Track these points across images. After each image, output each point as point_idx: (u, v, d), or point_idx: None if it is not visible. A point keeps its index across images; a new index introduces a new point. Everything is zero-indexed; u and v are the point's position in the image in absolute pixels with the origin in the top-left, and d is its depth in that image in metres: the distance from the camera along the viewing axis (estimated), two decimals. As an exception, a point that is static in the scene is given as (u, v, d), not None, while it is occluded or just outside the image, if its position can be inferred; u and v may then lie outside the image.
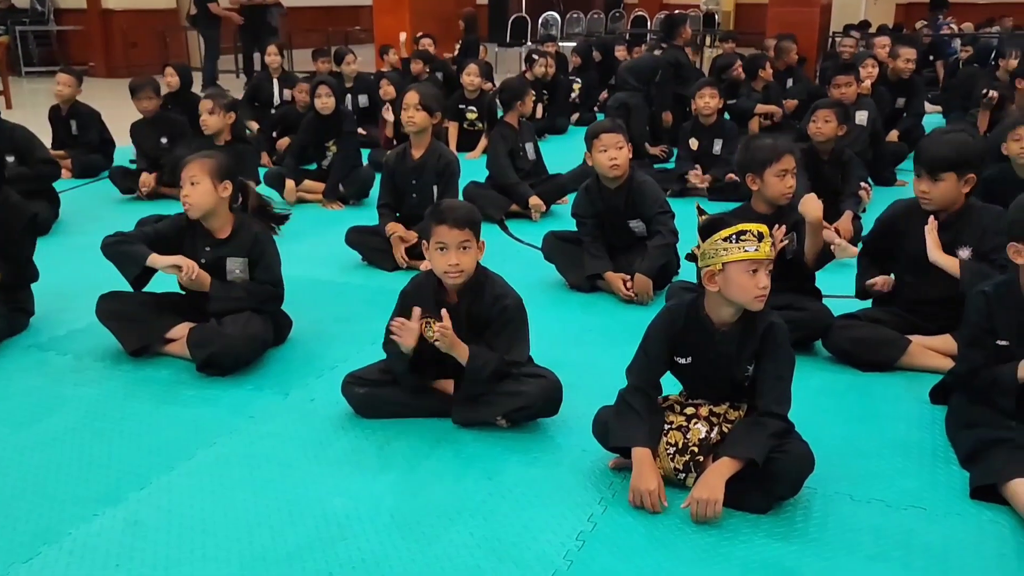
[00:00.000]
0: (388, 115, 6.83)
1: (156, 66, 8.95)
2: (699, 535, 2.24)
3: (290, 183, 5.69)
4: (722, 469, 2.26)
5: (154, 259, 3.18)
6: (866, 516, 2.32)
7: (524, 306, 2.78)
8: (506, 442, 2.70)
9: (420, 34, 9.45)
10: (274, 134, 7.02)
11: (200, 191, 3.20)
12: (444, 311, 2.63)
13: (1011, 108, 5.70)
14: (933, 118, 8.44)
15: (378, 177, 4.78)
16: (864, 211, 5.22)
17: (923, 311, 3.24)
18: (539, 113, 8.18)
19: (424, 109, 4.32)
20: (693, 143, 6.03)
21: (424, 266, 3.02)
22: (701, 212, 2.43)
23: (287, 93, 7.58)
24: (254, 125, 7.13)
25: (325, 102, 5.53)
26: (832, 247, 4.28)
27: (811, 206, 3.17)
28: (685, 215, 3.36)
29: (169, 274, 3.24)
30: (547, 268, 4.22)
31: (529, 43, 13.45)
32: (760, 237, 2.27)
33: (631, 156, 3.97)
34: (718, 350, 2.41)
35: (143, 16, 13.26)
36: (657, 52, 8.12)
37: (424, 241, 2.75)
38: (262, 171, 5.94)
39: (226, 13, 10.84)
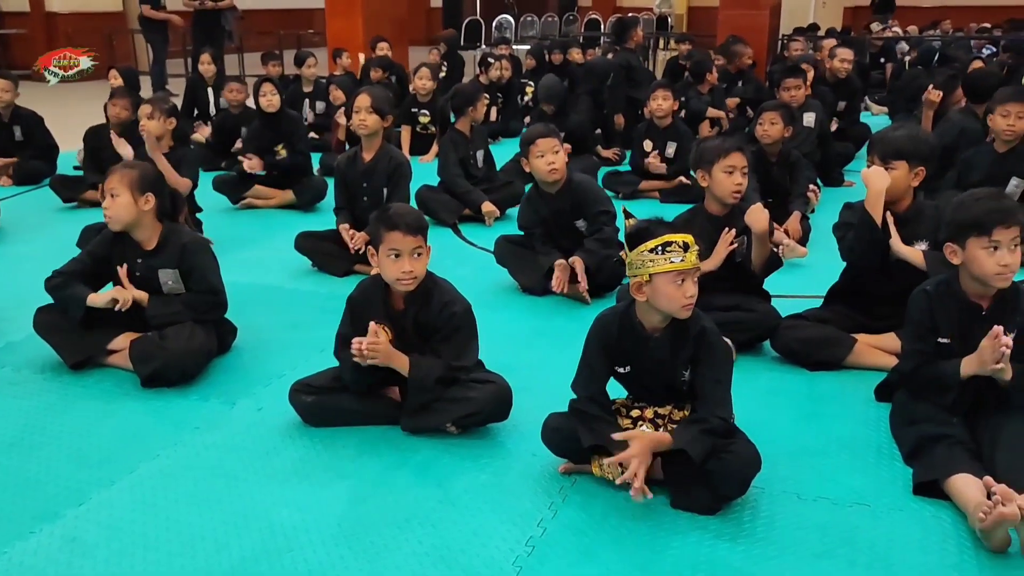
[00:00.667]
0: (341, 119, 6.76)
1: (102, 70, 8.74)
2: (648, 538, 2.24)
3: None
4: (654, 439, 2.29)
5: (92, 300, 3.14)
6: (812, 514, 2.34)
7: (472, 312, 2.76)
8: (456, 449, 2.68)
9: (376, 37, 9.35)
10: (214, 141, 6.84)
11: (119, 204, 3.14)
12: (374, 325, 2.59)
13: (952, 108, 5.83)
14: (880, 119, 8.61)
15: (331, 183, 4.73)
16: (813, 212, 5.29)
17: (874, 310, 3.29)
18: (493, 116, 8.19)
19: (376, 112, 4.30)
20: (647, 145, 6.07)
21: (374, 271, 2.98)
22: (628, 216, 2.44)
23: (223, 101, 7.44)
24: (203, 133, 6.92)
25: (270, 100, 5.47)
26: (780, 248, 4.35)
27: (756, 216, 3.23)
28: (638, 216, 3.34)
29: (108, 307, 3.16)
30: (500, 271, 4.21)
31: (483, 46, 13.44)
32: (686, 247, 2.28)
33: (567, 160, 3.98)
34: (653, 356, 2.42)
35: (88, 19, 12.96)
36: (610, 55, 8.17)
37: (371, 247, 2.72)
38: (212, 175, 5.84)
39: (162, 16, 10.64)
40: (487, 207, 5.28)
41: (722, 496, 2.34)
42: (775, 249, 4.07)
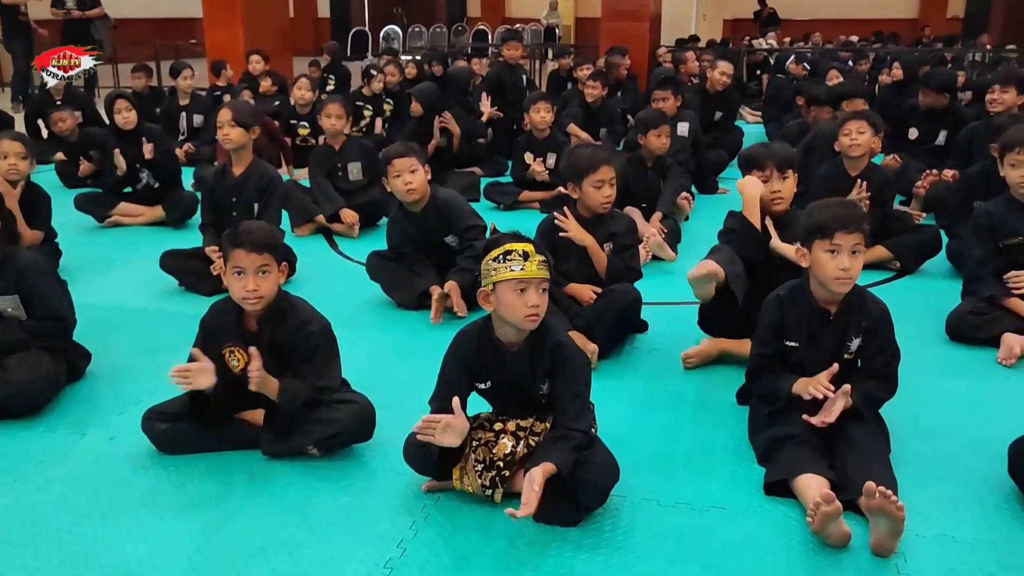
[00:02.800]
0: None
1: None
2: (507, 552, 2.24)
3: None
4: (538, 473, 2.21)
5: None
6: (671, 520, 2.38)
7: (332, 331, 2.70)
8: (317, 471, 2.61)
9: (252, 50, 9.10)
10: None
11: None
12: (254, 349, 2.51)
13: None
14: (755, 127, 8.93)
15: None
16: (687, 219, 5.44)
17: (746, 313, 3.38)
18: (378, 128, 8.09)
19: (239, 125, 4.18)
20: (528, 157, 6.10)
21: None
22: (494, 230, 2.44)
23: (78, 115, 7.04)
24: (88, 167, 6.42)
25: (126, 117, 5.24)
26: (646, 237, 4.50)
27: (572, 227, 3.43)
28: (518, 226, 3.28)
29: None
30: (376, 286, 4.14)
31: (370, 57, 13.32)
32: (526, 256, 2.28)
33: (430, 178, 3.93)
34: (511, 371, 2.42)
35: (-54, 26, 12.21)
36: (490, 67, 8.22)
37: (223, 266, 2.63)
38: (75, 192, 5.57)
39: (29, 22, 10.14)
40: (347, 215, 5.19)
41: (583, 507, 2.35)
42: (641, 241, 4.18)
